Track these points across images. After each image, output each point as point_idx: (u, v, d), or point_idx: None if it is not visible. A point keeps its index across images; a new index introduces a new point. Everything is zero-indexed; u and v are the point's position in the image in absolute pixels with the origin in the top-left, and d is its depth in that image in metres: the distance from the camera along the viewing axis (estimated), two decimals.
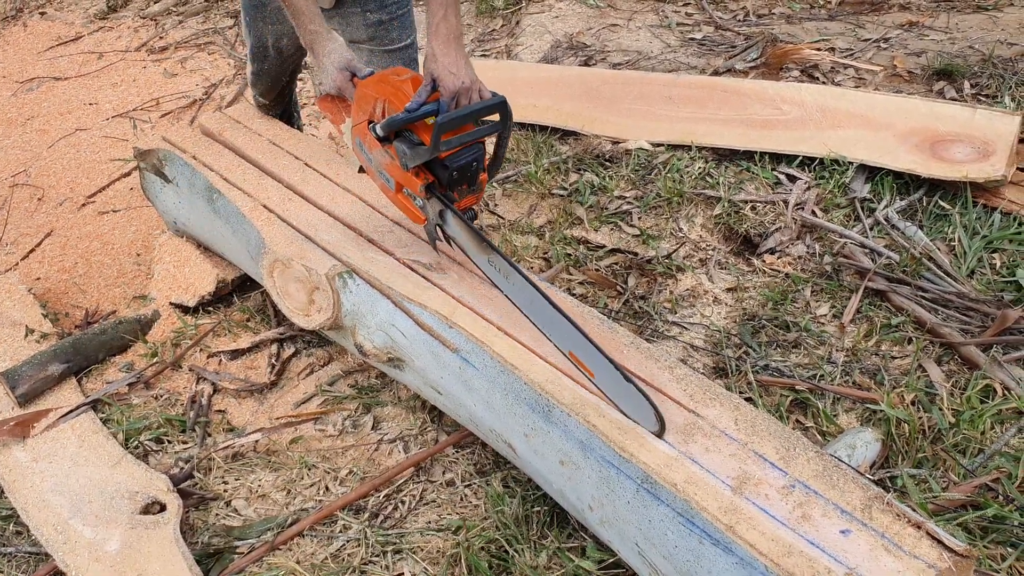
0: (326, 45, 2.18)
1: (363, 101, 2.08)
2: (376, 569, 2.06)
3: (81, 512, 2.16)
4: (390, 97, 1.99)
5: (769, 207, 3.07)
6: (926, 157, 3.02)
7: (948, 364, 2.45)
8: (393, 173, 2.06)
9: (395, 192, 2.10)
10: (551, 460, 1.89)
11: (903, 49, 4.13)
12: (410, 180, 2.01)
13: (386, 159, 2.05)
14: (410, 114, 1.91)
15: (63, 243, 3.44)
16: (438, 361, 2.12)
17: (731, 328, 2.64)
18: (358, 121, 2.10)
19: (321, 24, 2.22)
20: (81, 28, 5.65)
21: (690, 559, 1.62)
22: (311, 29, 2.20)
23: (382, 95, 2.01)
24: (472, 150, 1.97)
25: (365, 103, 2.07)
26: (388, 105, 1.99)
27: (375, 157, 2.09)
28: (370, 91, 2.05)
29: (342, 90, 2.16)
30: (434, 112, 1.93)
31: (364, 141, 2.10)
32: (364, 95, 2.07)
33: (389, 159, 2.04)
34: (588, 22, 4.71)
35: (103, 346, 2.67)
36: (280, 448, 2.40)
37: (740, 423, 1.79)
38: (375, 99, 2.03)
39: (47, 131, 4.37)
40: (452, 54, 1.95)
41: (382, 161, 2.07)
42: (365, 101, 2.07)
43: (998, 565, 1.91)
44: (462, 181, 2.00)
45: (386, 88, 2.02)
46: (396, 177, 2.06)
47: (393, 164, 2.03)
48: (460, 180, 2.00)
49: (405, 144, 1.96)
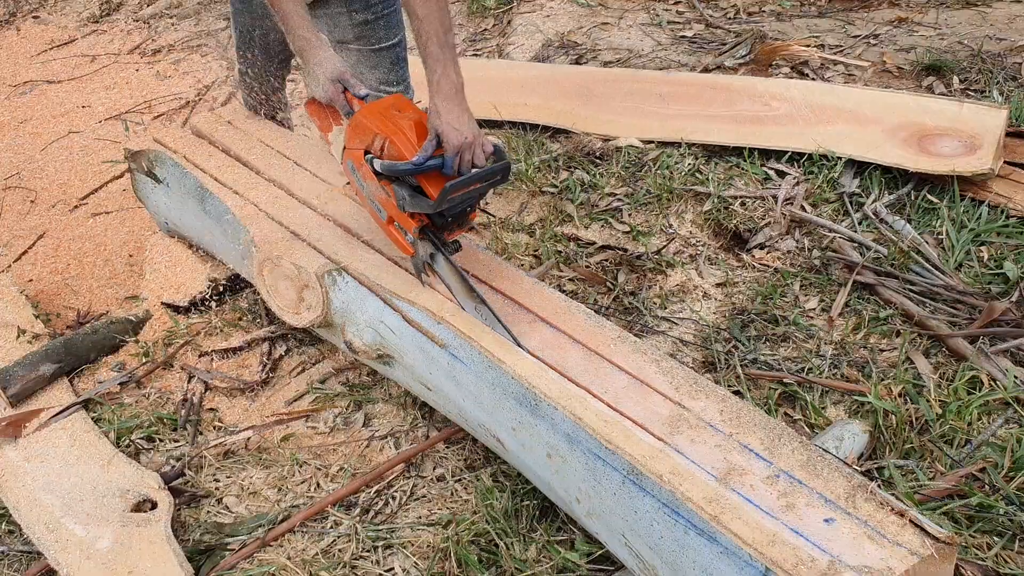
0: (317, 53, 2.18)
1: (361, 129, 2.06)
2: (367, 564, 2.07)
3: (73, 511, 2.17)
4: (392, 138, 1.99)
5: (758, 203, 3.09)
6: (914, 152, 3.04)
7: (936, 356, 2.47)
8: (387, 208, 2.08)
9: (386, 223, 2.13)
10: (538, 453, 1.91)
11: (892, 45, 4.15)
12: (405, 220, 2.05)
13: (381, 194, 2.07)
14: (416, 167, 1.94)
15: (56, 245, 3.45)
16: (427, 357, 2.14)
17: (720, 323, 2.66)
18: (353, 147, 2.09)
19: (311, 31, 2.21)
20: (74, 31, 5.65)
21: (675, 549, 1.64)
22: (301, 35, 2.20)
23: (384, 132, 2.00)
24: (470, 200, 2.03)
25: (364, 133, 2.05)
26: (390, 146, 1.99)
27: (368, 186, 2.10)
28: (371, 122, 2.04)
29: (333, 101, 2.17)
30: (439, 167, 1.95)
31: (358, 168, 2.10)
32: (363, 124, 2.06)
33: (384, 195, 2.05)
34: (579, 21, 4.72)
35: (95, 346, 2.67)
36: (271, 445, 2.41)
37: (725, 415, 1.81)
38: (375, 133, 2.02)
39: (40, 134, 4.38)
40: (455, 110, 1.95)
41: (375, 193, 2.09)
42: (363, 130, 2.05)
43: (984, 553, 1.92)
44: (455, 223, 2.07)
45: (389, 126, 2.01)
46: (390, 212, 2.08)
47: (388, 201, 2.05)
48: (454, 223, 2.06)
49: (405, 190, 1.99)
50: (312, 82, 2.18)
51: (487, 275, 2.24)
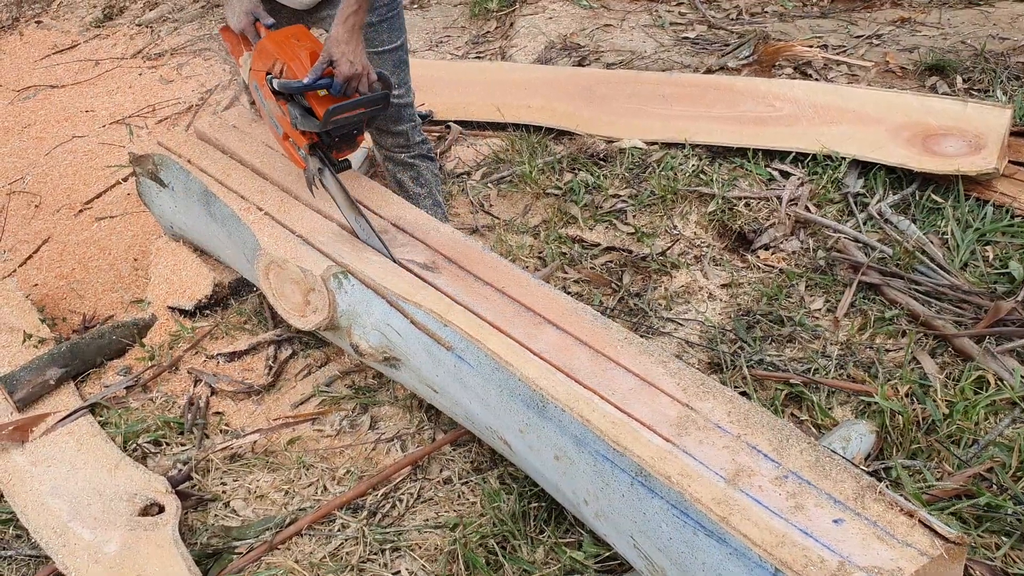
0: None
1: (264, 53, 2.31)
2: (374, 567, 2.07)
3: (80, 515, 2.18)
4: (289, 60, 2.24)
5: (763, 203, 3.09)
6: (918, 151, 3.04)
7: (942, 356, 2.46)
8: (283, 124, 2.33)
9: (282, 139, 2.39)
10: (546, 455, 1.91)
11: (895, 45, 4.15)
12: (297, 136, 2.31)
13: (278, 111, 2.31)
14: (306, 86, 2.18)
15: (60, 249, 3.46)
16: (433, 359, 2.14)
17: (726, 323, 2.66)
18: (257, 68, 2.34)
19: None
20: (77, 36, 5.66)
21: (684, 551, 1.64)
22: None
23: (282, 56, 2.25)
24: (354, 124, 2.28)
25: (266, 56, 2.30)
26: (287, 68, 2.24)
27: (268, 105, 2.35)
28: (272, 48, 2.29)
29: (244, 30, 2.41)
30: (327, 86, 2.19)
31: (260, 88, 2.35)
32: (266, 49, 2.31)
33: (280, 113, 2.30)
34: (582, 23, 4.72)
35: (101, 350, 2.68)
36: (278, 448, 2.41)
37: (733, 416, 1.80)
38: (275, 57, 2.26)
39: (44, 138, 4.38)
40: (353, 42, 2.20)
41: (274, 111, 2.33)
42: (266, 54, 2.30)
43: (992, 553, 1.91)
44: (342, 144, 2.32)
45: (287, 51, 2.26)
46: (285, 128, 2.33)
47: (284, 118, 2.30)
48: (341, 143, 2.32)
49: (297, 109, 2.23)
50: (230, 13, 2.44)
51: (492, 277, 2.24)
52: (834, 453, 1.71)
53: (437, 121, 3.85)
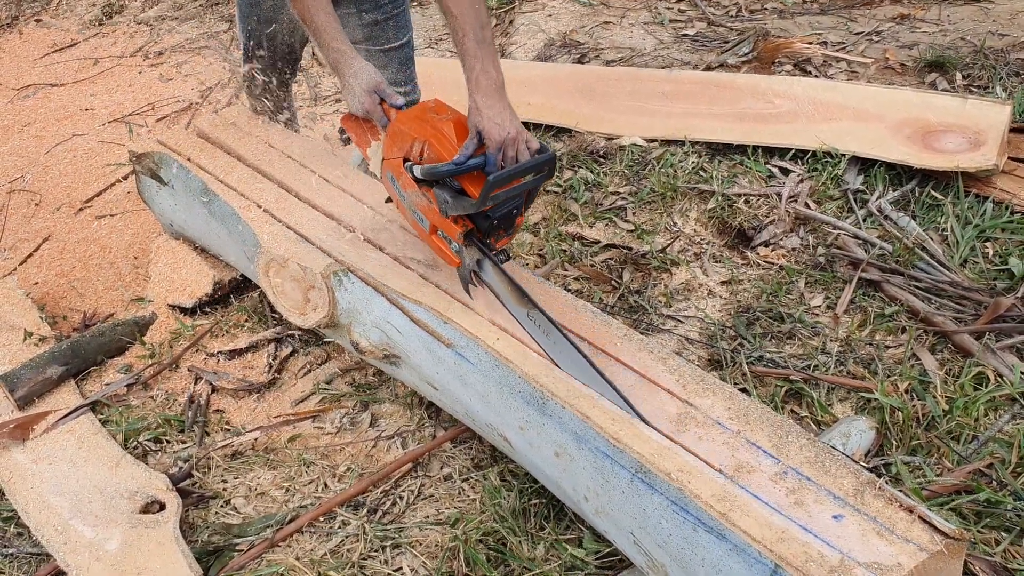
0: (352, 64, 2.11)
1: (399, 137, 2.00)
2: (375, 564, 2.07)
3: (81, 512, 2.18)
4: (431, 140, 1.92)
5: (763, 200, 3.09)
6: (918, 148, 3.04)
7: (942, 352, 2.47)
8: (429, 216, 2.01)
9: (429, 233, 2.05)
10: (546, 452, 1.91)
11: (895, 42, 4.15)
12: (448, 226, 1.98)
13: (422, 201, 2.00)
14: (457, 167, 1.86)
15: (61, 248, 3.46)
16: (433, 357, 2.14)
17: (726, 320, 2.66)
18: (392, 156, 2.04)
19: (344, 42, 2.14)
20: (77, 34, 5.66)
21: (684, 547, 1.64)
22: (334, 47, 2.13)
23: (422, 136, 1.94)
24: (515, 199, 1.95)
25: (402, 140, 1.99)
26: (429, 149, 1.92)
27: (409, 196, 2.04)
28: (408, 128, 1.98)
29: (370, 113, 2.10)
30: (481, 166, 1.87)
31: (397, 178, 2.04)
32: (400, 131, 2.00)
33: (426, 202, 1.99)
34: (581, 20, 4.72)
35: (101, 348, 2.68)
36: (279, 446, 2.41)
37: (733, 412, 1.81)
38: (414, 139, 1.95)
39: (44, 137, 4.38)
40: (496, 106, 1.91)
41: (417, 202, 2.02)
42: (402, 138, 1.99)
43: (992, 549, 1.92)
44: (501, 228, 1.99)
45: (427, 129, 1.94)
46: (432, 220, 2.01)
47: (430, 208, 1.98)
48: (499, 227, 1.98)
49: (447, 192, 1.90)
50: (349, 95, 2.11)
51: None
52: (834, 449, 1.71)
53: None
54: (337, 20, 2.16)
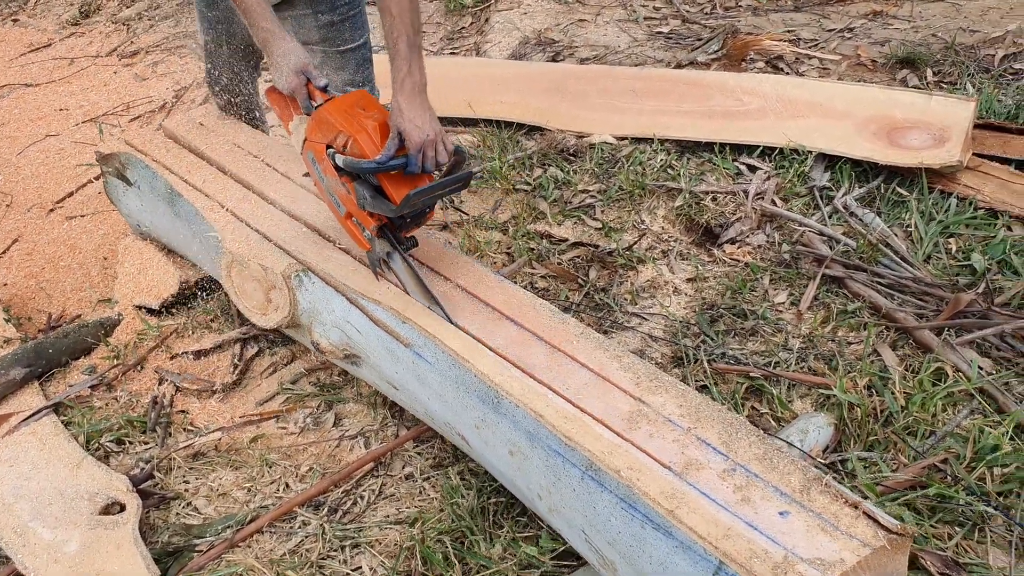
0: (281, 44, 2.18)
1: (324, 124, 2.07)
2: (334, 564, 2.07)
3: (41, 514, 2.17)
4: (356, 136, 1.99)
5: (730, 198, 3.10)
6: (883, 145, 3.05)
7: (903, 348, 2.48)
8: (346, 204, 2.09)
9: (344, 218, 2.14)
10: (501, 450, 1.91)
11: (867, 39, 4.16)
12: (364, 218, 2.06)
13: (341, 190, 2.07)
14: (379, 166, 1.96)
15: (30, 249, 3.45)
16: (392, 356, 2.14)
17: (690, 318, 2.67)
18: (315, 140, 2.10)
19: (274, 23, 2.22)
20: (53, 34, 5.65)
21: (633, 544, 1.64)
22: (264, 27, 2.21)
23: (347, 130, 2.01)
24: (430, 202, 2.06)
25: (327, 128, 2.06)
26: (353, 144, 2.00)
27: (328, 181, 2.10)
28: (335, 119, 2.04)
29: (295, 91, 2.16)
30: (402, 166, 1.97)
31: (319, 161, 2.10)
32: (326, 120, 2.06)
33: (345, 191, 2.06)
34: (556, 18, 4.73)
35: (66, 350, 2.68)
36: (242, 446, 2.41)
37: (684, 409, 1.81)
38: (339, 130, 2.02)
39: (17, 138, 4.37)
40: (417, 108, 1.99)
41: (336, 188, 2.09)
42: (327, 125, 2.06)
43: (944, 543, 1.93)
44: (413, 224, 2.11)
45: (353, 124, 2.01)
46: (349, 208, 2.09)
47: (348, 197, 2.06)
48: (412, 223, 2.10)
49: (367, 190, 2.00)
50: (276, 72, 2.18)
51: (452, 273, 2.25)
52: (784, 446, 1.72)
53: None
54: (267, 2, 2.23)
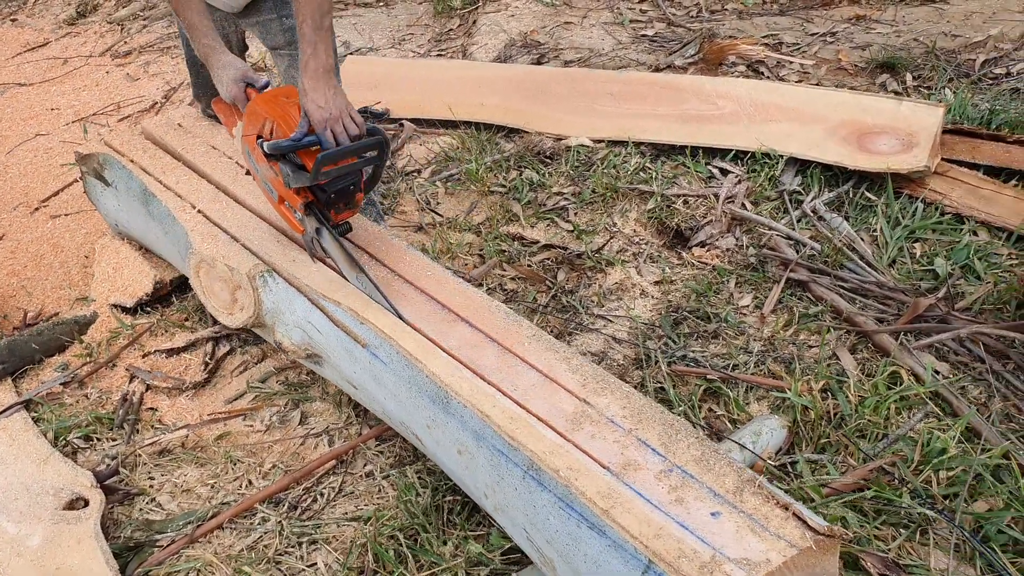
0: (220, 58, 2.32)
1: (254, 116, 2.22)
2: (290, 559, 2.11)
3: (7, 509, 2.22)
4: (278, 120, 2.15)
5: (701, 201, 3.12)
6: (853, 149, 3.07)
7: (862, 352, 2.50)
8: (277, 187, 2.22)
9: (277, 203, 2.26)
10: (450, 450, 1.95)
11: (849, 43, 4.18)
12: (292, 197, 2.19)
13: (271, 174, 2.20)
14: (294, 143, 2.07)
15: (14, 247, 3.50)
16: (351, 356, 2.18)
17: (656, 320, 2.69)
18: (248, 133, 2.24)
19: (214, 39, 2.35)
20: (49, 34, 5.71)
21: (569, 543, 1.68)
22: (204, 43, 2.34)
23: (271, 115, 2.17)
24: (350, 176, 2.14)
25: (256, 118, 2.21)
26: (276, 127, 2.15)
27: (261, 169, 2.23)
28: (261, 109, 2.20)
29: (236, 99, 2.30)
30: (316, 143, 2.08)
31: (252, 152, 2.24)
32: (255, 111, 2.21)
33: (274, 174, 2.18)
34: (543, 20, 4.76)
35: (40, 347, 2.72)
36: (207, 444, 2.45)
37: (628, 411, 1.84)
38: (265, 118, 2.18)
39: (8, 137, 4.43)
40: (320, 88, 2.09)
41: (267, 175, 2.22)
42: (256, 116, 2.21)
43: (888, 545, 1.96)
44: (339, 201, 2.18)
45: (275, 109, 2.18)
46: (279, 191, 2.22)
47: (277, 180, 2.18)
48: (337, 200, 2.18)
49: (289, 167, 2.11)
50: (218, 83, 2.32)
51: (413, 275, 2.28)
52: (720, 448, 1.75)
53: (392, 119, 3.89)
54: (209, 19, 2.35)
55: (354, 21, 5.16)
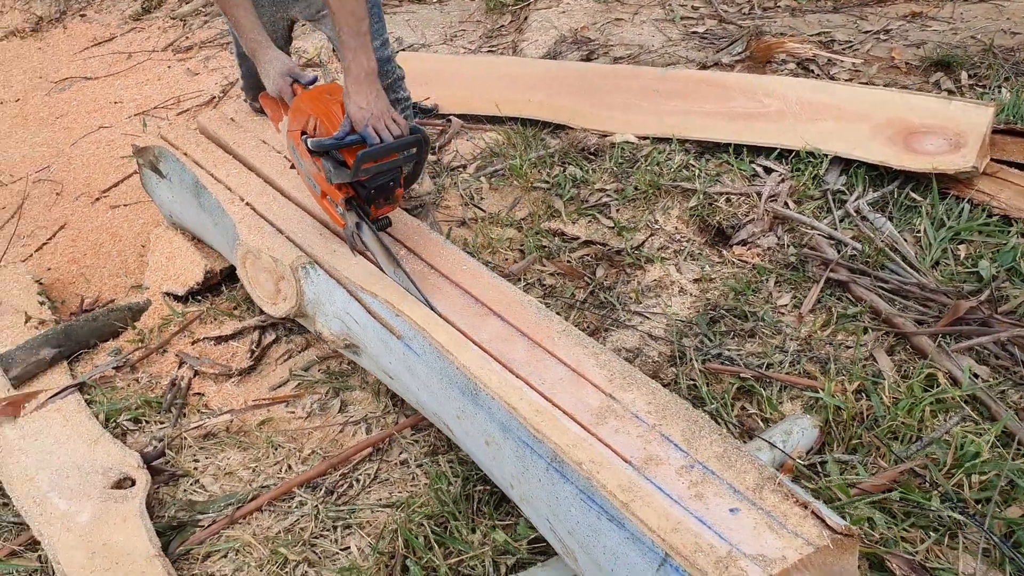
0: (267, 53, 2.43)
1: (299, 112, 2.30)
2: (325, 542, 2.18)
3: (59, 486, 2.32)
4: (322, 117, 2.24)
5: (743, 199, 3.12)
6: (899, 149, 3.04)
7: (899, 354, 2.48)
8: (319, 182, 2.30)
9: (320, 197, 2.35)
10: (479, 440, 1.99)
11: (903, 41, 4.12)
12: (333, 192, 2.27)
13: (314, 169, 2.28)
14: (337, 141, 2.17)
15: (75, 235, 3.63)
16: (387, 348, 2.24)
17: (693, 318, 2.70)
18: (293, 128, 2.32)
19: (261, 34, 2.45)
20: (115, 29, 5.89)
21: (589, 534, 1.71)
22: (251, 38, 2.44)
23: (315, 112, 2.25)
24: (390, 173, 2.23)
25: (300, 115, 2.29)
26: (320, 124, 2.23)
27: (305, 164, 2.32)
28: (306, 105, 2.28)
29: (282, 93, 2.40)
30: (360, 141, 2.17)
31: (296, 148, 2.33)
32: (300, 107, 2.30)
33: (316, 170, 2.27)
34: (594, 17, 4.77)
35: (94, 332, 2.83)
36: (250, 428, 2.53)
37: (653, 406, 1.87)
38: (309, 114, 2.26)
39: (73, 128, 4.59)
40: (363, 91, 2.18)
41: (310, 170, 2.31)
42: (300, 113, 2.29)
43: (915, 547, 1.95)
44: (379, 197, 2.28)
45: (320, 107, 2.26)
46: (322, 186, 2.30)
47: (320, 175, 2.26)
48: (377, 196, 2.27)
49: (331, 163, 2.19)
50: (265, 78, 2.43)
51: (449, 269, 2.33)
52: (742, 445, 1.77)
53: (440, 115, 3.94)
54: (255, 15, 2.45)
55: (407, 17, 5.23)
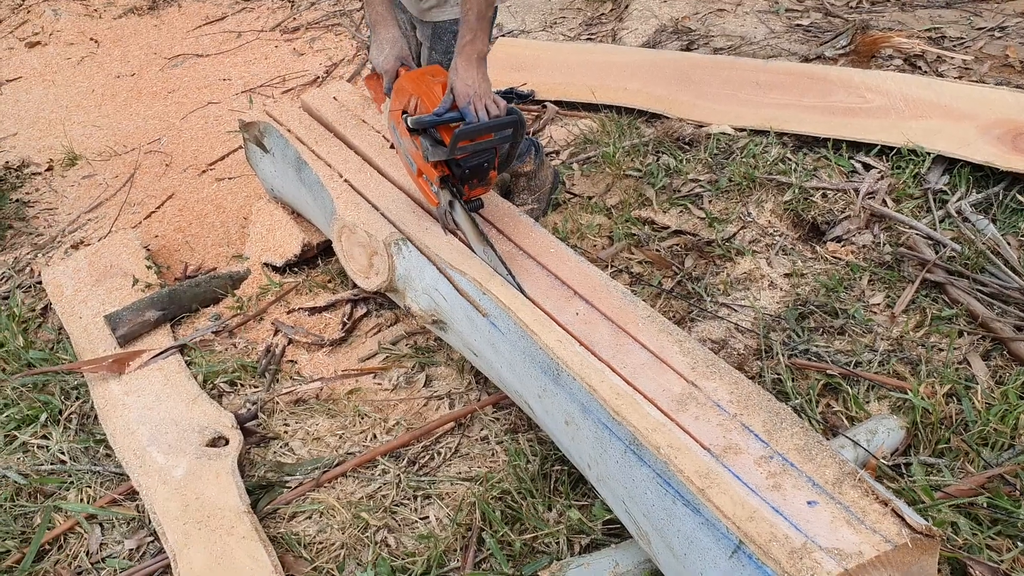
0: (389, 31, 2.45)
1: (401, 92, 2.36)
2: (405, 511, 2.24)
3: (157, 441, 2.45)
4: (423, 96, 2.28)
5: (840, 195, 3.06)
6: (1006, 150, 2.94)
7: (995, 359, 2.41)
8: (416, 160, 2.36)
9: (416, 175, 2.42)
10: (559, 420, 2.02)
11: (1019, 38, 3.96)
12: (429, 170, 2.33)
13: (412, 147, 2.34)
14: (436, 118, 2.21)
15: (182, 206, 3.79)
16: (472, 325, 2.28)
17: (782, 312, 2.68)
18: (394, 108, 2.39)
19: (389, 10, 2.46)
20: (227, 9, 6.07)
21: (664, 517, 1.72)
22: (379, 11, 2.46)
23: (416, 92, 2.31)
24: (484, 154, 2.26)
25: (402, 94, 2.35)
26: (420, 103, 2.28)
27: (404, 142, 2.39)
28: (408, 85, 2.34)
29: (387, 72, 2.43)
30: (459, 119, 2.20)
31: (397, 126, 2.40)
32: (402, 88, 2.35)
33: (415, 148, 2.32)
34: (696, 7, 4.72)
35: (196, 297, 2.96)
36: (339, 397, 2.62)
37: (735, 396, 1.87)
38: (410, 94, 2.32)
39: (184, 103, 4.77)
40: (471, 70, 2.21)
41: (409, 148, 2.37)
42: (402, 93, 2.35)
43: (1000, 556, 1.90)
44: (473, 177, 2.30)
45: (420, 87, 2.31)
46: (418, 164, 2.36)
47: (417, 153, 2.32)
48: (471, 176, 2.29)
49: (429, 141, 2.24)
50: (378, 53, 2.44)
51: (536, 251, 2.37)
52: (823, 439, 1.75)
53: (536, 101, 3.97)
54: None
55: (509, 4, 5.26)
